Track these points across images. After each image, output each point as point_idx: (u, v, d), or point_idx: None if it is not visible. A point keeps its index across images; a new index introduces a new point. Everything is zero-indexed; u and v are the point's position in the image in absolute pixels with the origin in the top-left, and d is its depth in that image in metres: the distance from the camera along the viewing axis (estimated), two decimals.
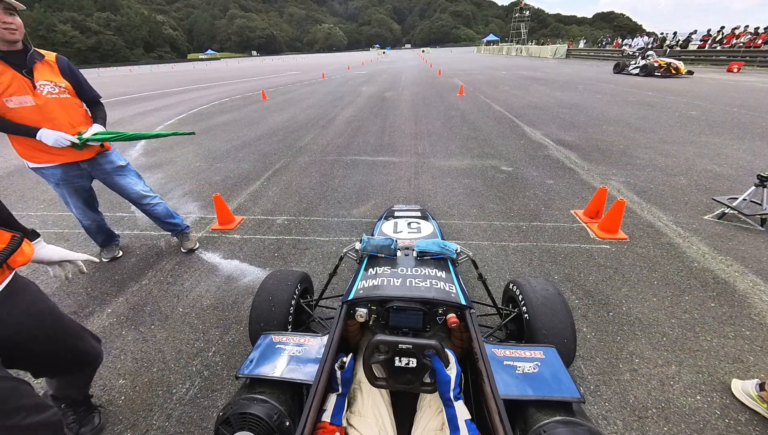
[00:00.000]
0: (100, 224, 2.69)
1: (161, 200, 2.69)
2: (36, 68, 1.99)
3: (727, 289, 2.25)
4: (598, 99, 9.25)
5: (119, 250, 2.89)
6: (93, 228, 2.65)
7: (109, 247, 2.84)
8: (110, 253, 2.82)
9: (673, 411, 1.53)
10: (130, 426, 1.54)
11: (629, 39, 27.22)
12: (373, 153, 5.39)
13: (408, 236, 2.03)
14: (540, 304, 1.55)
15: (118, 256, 2.84)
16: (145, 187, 2.61)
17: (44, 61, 2.06)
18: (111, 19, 75.14)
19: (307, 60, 54.36)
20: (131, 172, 2.56)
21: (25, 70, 1.94)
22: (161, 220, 2.73)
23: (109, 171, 2.42)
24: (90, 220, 2.59)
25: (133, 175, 2.57)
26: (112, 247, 2.85)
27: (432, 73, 19.45)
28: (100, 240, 2.77)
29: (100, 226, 2.69)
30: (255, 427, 0.96)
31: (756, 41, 17.08)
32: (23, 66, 1.94)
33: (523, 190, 3.86)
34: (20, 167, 5.26)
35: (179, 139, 6.56)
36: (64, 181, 2.31)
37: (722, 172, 4.15)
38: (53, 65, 2.11)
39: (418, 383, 1.08)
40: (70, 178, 2.32)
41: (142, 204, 2.60)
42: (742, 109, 7.47)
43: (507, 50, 44.71)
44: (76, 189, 2.41)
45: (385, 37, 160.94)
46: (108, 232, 2.79)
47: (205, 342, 1.97)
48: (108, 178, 2.44)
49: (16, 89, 1.91)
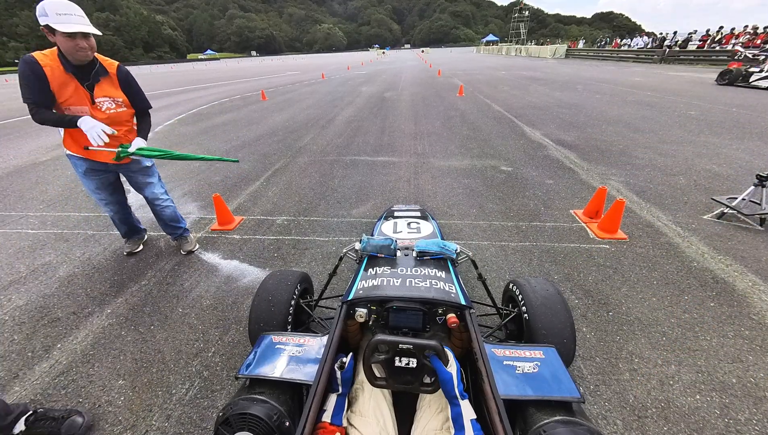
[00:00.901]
0: (123, 216, 2.73)
1: (172, 204, 2.74)
2: (98, 84, 2.12)
3: (727, 289, 2.25)
4: (598, 99, 9.26)
5: (140, 245, 2.94)
6: (116, 219, 2.71)
7: (133, 240, 2.89)
8: (132, 246, 2.87)
9: (672, 410, 1.53)
10: (130, 426, 1.54)
11: (628, 39, 27.27)
12: (372, 153, 5.39)
13: (408, 236, 2.03)
14: (540, 304, 1.55)
15: (136, 251, 2.89)
16: (162, 189, 2.67)
17: (107, 76, 2.18)
18: (110, 19, 75.11)
19: (306, 60, 54.36)
20: (155, 174, 2.63)
21: (87, 84, 2.08)
22: (165, 223, 2.76)
23: (135, 170, 2.50)
24: (112, 211, 2.63)
25: (155, 176, 2.63)
26: (135, 241, 2.91)
27: (431, 73, 19.46)
28: (123, 231, 2.83)
29: (123, 219, 2.74)
30: (255, 427, 0.96)
31: (755, 41, 17.12)
32: (87, 80, 2.08)
33: (523, 190, 3.86)
34: (19, 168, 5.26)
35: (178, 140, 6.56)
36: (91, 170, 2.38)
37: (721, 171, 4.16)
38: (113, 78, 2.20)
39: (418, 383, 1.08)
40: (96, 170, 2.40)
41: (154, 204, 2.66)
42: (741, 108, 7.49)
43: (506, 50, 44.76)
44: (102, 180, 2.48)
45: (385, 37, 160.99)
46: (131, 225, 2.84)
47: (204, 342, 1.97)
48: (132, 176, 2.53)
49: (76, 100, 2.05)
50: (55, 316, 2.21)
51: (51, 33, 1.89)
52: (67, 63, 2.00)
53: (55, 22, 1.82)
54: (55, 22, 1.82)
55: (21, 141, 6.94)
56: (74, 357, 1.90)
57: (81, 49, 1.95)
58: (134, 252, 2.88)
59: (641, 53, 22.95)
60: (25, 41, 65.83)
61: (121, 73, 2.22)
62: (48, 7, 1.81)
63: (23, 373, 1.81)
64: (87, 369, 1.82)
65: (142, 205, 3.72)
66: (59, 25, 1.83)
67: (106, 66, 2.16)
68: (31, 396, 1.68)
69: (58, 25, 1.83)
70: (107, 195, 2.53)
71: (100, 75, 2.12)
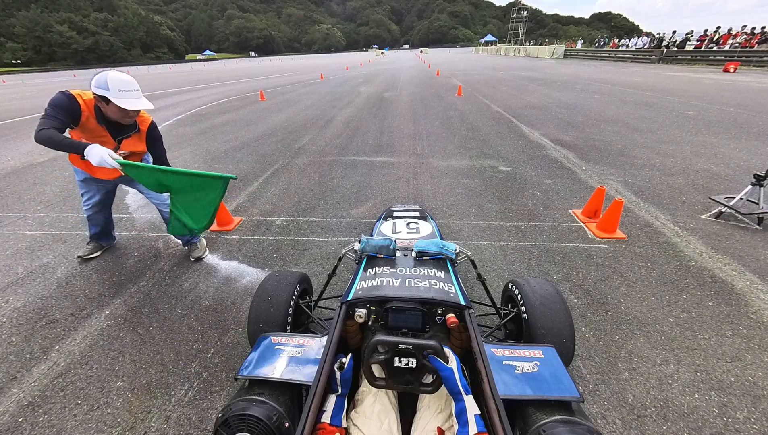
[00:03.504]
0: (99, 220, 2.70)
1: None
2: (127, 139, 2.21)
3: (725, 288, 2.26)
4: (596, 99, 9.29)
5: (98, 252, 2.85)
6: (91, 221, 2.69)
7: (94, 245, 2.81)
8: (90, 250, 2.79)
9: (671, 410, 1.53)
10: (129, 428, 1.53)
11: (626, 39, 27.35)
12: (371, 153, 5.39)
13: (407, 236, 2.03)
14: (539, 303, 1.55)
15: (91, 257, 2.79)
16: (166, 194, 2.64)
17: (138, 133, 2.24)
18: (108, 20, 74.79)
19: (305, 61, 54.34)
20: None
21: (118, 138, 2.17)
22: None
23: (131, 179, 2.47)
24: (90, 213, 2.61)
25: None
26: (96, 246, 2.83)
27: (430, 73, 19.48)
28: (93, 232, 2.77)
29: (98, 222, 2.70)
30: (254, 428, 0.96)
31: (752, 41, 17.20)
32: (119, 135, 2.17)
33: (522, 190, 3.87)
34: (17, 168, 5.24)
35: (177, 141, 6.54)
36: (91, 180, 2.42)
37: (719, 171, 4.18)
38: (143, 134, 2.27)
39: (418, 383, 1.08)
40: (95, 181, 2.43)
41: (160, 209, 2.67)
42: (738, 108, 7.52)
43: (505, 50, 44.86)
44: (98, 189, 2.50)
45: (384, 37, 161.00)
46: (105, 231, 2.80)
47: (203, 343, 1.97)
48: (133, 184, 2.55)
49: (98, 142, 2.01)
50: (53, 317, 2.20)
51: (103, 102, 1.95)
52: (101, 115, 2.05)
53: (115, 97, 1.91)
54: (114, 96, 1.91)
55: (19, 142, 6.91)
56: (72, 359, 1.89)
57: (129, 118, 2.06)
58: (89, 257, 2.77)
59: (639, 53, 23.04)
60: (22, 42, 65.55)
61: (151, 131, 2.30)
62: (111, 82, 1.90)
63: (21, 375, 1.80)
64: (85, 371, 1.81)
65: (141, 206, 3.72)
66: (119, 101, 1.92)
67: (140, 122, 2.23)
68: (29, 398, 1.68)
69: (117, 100, 1.92)
70: (97, 201, 2.53)
71: (131, 131, 2.20)
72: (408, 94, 11.59)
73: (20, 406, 1.64)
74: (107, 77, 1.89)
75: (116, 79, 1.91)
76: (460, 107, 8.79)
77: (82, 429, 1.54)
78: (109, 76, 1.90)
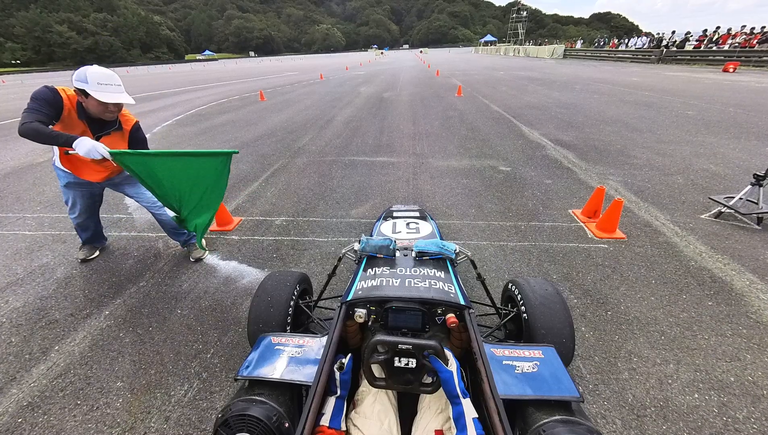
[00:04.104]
0: (93, 229, 2.71)
1: None
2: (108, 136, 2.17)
3: (724, 288, 2.26)
4: (596, 99, 9.29)
5: (96, 252, 2.86)
6: (79, 228, 2.67)
7: (89, 248, 2.81)
8: (87, 253, 2.79)
9: (671, 409, 1.53)
10: (128, 428, 1.53)
11: (626, 39, 27.37)
12: (371, 153, 5.39)
13: (407, 236, 2.03)
14: (539, 303, 1.55)
15: (90, 259, 2.80)
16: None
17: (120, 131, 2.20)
18: (108, 20, 74.76)
19: (304, 61, 54.33)
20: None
21: (97, 135, 2.13)
22: (167, 229, 2.73)
23: (117, 182, 2.50)
24: (78, 220, 2.59)
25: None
26: (91, 248, 2.83)
27: (430, 73, 19.48)
28: (84, 237, 2.76)
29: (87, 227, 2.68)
30: (254, 428, 0.96)
31: (751, 41, 17.21)
32: (98, 131, 2.14)
33: (522, 190, 3.87)
34: (17, 169, 5.23)
35: (177, 141, 6.54)
36: (74, 184, 2.38)
37: (719, 171, 4.18)
38: (125, 133, 2.24)
39: (418, 384, 1.08)
40: (79, 185, 2.39)
41: (151, 211, 2.64)
42: (738, 108, 7.52)
43: (504, 51, 44.88)
44: (83, 193, 2.46)
45: (383, 37, 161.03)
46: (96, 234, 2.79)
47: (203, 344, 1.97)
48: (120, 187, 2.54)
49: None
50: (53, 317, 2.20)
51: (83, 95, 1.93)
52: (82, 111, 2.03)
53: (93, 90, 1.89)
54: (93, 89, 1.89)
55: (19, 142, 6.90)
56: (72, 359, 1.89)
57: (110, 112, 2.04)
58: (88, 259, 2.78)
59: (639, 53, 23.05)
60: (22, 42, 65.49)
61: (134, 132, 2.27)
62: (90, 75, 1.88)
63: (20, 375, 1.80)
64: (85, 371, 1.81)
65: (140, 207, 3.71)
66: (97, 94, 1.89)
67: (123, 121, 2.20)
68: (28, 399, 1.67)
69: (95, 93, 1.89)
70: (83, 207, 2.51)
71: (112, 128, 2.16)
72: (408, 94, 11.59)
73: (20, 407, 1.64)
74: (87, 71, 1.88)
75: (96, 72, 1.89)
76: (460, 107, 8.79)
77: (81, 429, 1.54)
78: (89, 69, 1.88)
